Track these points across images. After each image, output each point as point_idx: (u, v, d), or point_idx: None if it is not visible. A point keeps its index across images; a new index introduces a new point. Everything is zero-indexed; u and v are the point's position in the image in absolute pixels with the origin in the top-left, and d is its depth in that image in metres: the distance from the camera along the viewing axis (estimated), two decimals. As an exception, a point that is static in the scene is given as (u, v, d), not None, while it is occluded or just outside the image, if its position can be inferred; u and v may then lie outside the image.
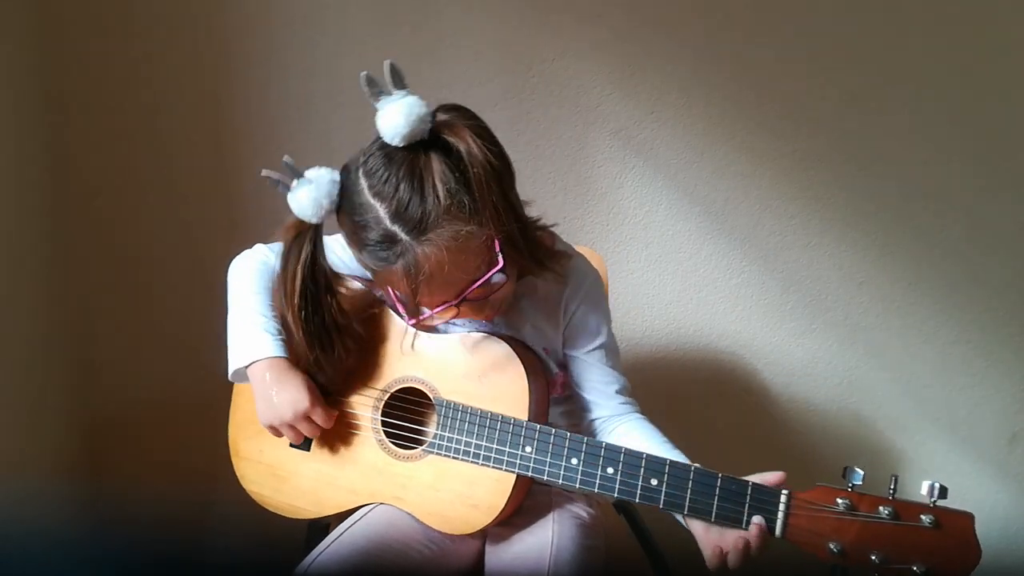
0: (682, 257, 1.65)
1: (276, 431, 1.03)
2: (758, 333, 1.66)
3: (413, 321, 0.96)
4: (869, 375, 1.66)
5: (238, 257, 1.11)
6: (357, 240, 0.90)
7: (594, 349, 1.08)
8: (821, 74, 1.54)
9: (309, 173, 0.90)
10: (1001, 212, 1.57)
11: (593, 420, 1.11)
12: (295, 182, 0.90)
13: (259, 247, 1.12)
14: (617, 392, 1.09)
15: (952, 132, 1.55)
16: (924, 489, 0.80)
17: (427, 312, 0.94)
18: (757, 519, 0.86)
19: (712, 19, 1.54)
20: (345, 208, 0.90)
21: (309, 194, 0.89)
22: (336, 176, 0.91)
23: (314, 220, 0.92)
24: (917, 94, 1.54)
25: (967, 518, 0.80)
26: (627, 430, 1.07)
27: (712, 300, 1.66)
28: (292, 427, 1.01)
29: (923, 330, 1.63)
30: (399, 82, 0.86)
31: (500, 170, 0.87)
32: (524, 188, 0.96)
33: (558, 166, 1.62)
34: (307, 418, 1.01)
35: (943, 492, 0.79)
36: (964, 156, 1.56)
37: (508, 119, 1.59)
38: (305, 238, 0.93)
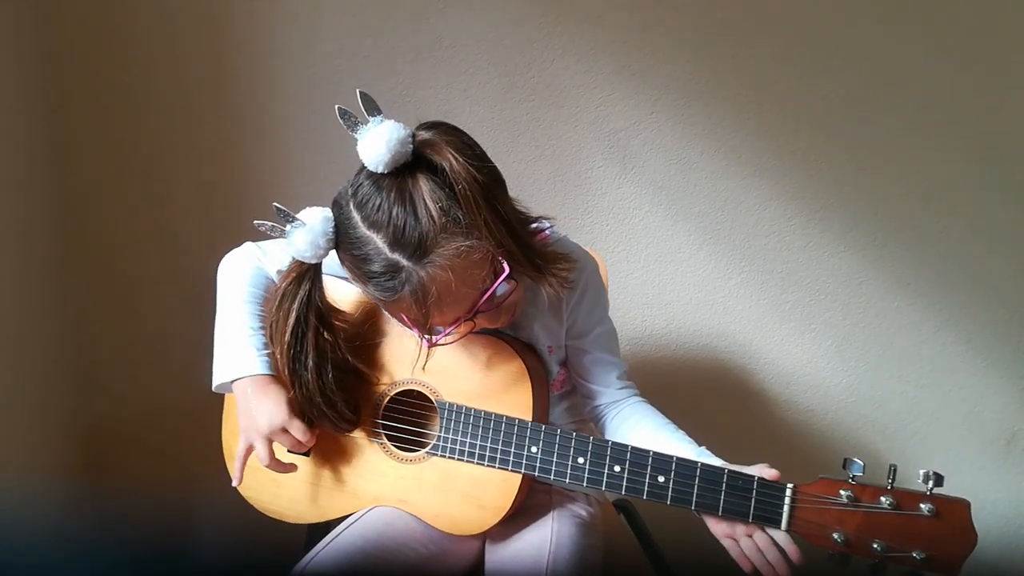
0: (682, 257, 1.65)
1: (259, 446, 1.01)
2: (757, 333, 1.66)
3: (430, 343, 0.95)
4: (869, 375, 1.66)
5: (227, 257, 1.10)
6: (360, 274, 0.88)
7: (595, 337, 1.09)
8: (820, 74, 1.54)
9: (302, 215, 0.89)
10: (1001, 212, 1.57)
11: (595, 407, 1.12)
12: (288, 226, 0.89)
13: (248, 246, 1.10)
14: (617, 378, 1.11)
15: (952, 132, 1.55)
16: (920, 477, 0.82)
17: (443, 331, 0.93)
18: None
19: (712, 20, 1.54)
20: (343, 244, 0.88)
21: (305, 236, 0.88)
22: (328, 213, 0.89)
23: (313, 261, 0.91)
24: (916, 94, 1.54)
25: (964, 505, 0.82)
26: (628, 414, 1.08)
27: (712, 300, 1.66)
28: (270, 441, 1.00)
29: (923, 330, 1.63)
30: (372, 109, 0.85)
31: (485, 183, 0.85)
32: (524, 188, 0.97)
33: (558, 166, 1.62)
34: (284, 431, 0.99)
35: (939, 480, 0.81)
36: (964, 156, 1.56)
37: (508, 119, 1.59)
38: (304, 278, 0.93)
